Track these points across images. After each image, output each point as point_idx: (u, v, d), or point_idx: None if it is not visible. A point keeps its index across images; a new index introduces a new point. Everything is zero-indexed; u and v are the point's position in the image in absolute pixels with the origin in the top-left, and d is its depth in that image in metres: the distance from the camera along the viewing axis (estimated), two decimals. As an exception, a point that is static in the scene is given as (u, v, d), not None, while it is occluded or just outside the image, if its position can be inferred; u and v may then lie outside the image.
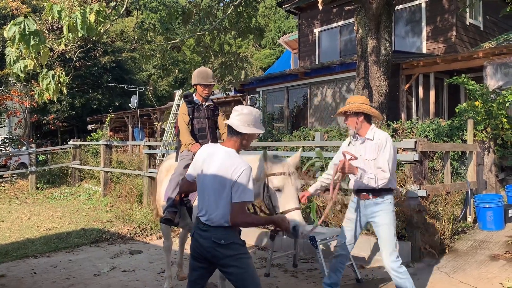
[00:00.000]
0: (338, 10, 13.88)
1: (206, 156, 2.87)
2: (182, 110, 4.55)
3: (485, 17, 12.80)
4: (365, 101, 3.76)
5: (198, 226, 2.84)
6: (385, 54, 8.19)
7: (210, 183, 2.78)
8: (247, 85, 13.59)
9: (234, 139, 2.84)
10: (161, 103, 27.01)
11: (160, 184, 4.71)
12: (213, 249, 2.75)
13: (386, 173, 3.51)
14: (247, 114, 2.82)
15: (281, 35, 30.44)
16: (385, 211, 3.62)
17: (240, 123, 2.80)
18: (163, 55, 10.19)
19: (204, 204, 2.82)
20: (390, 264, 3.56)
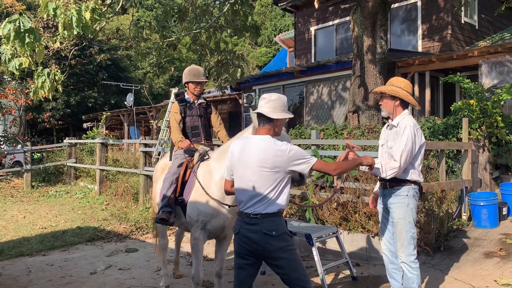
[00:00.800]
0: (334, 8, 13.89)
1: (242, 148, 2.87)
2: (174, 109, 4.54)
3: (480, 16, 12.85)
4: (406, 85, 3.58)
5: (244, 221, 2.80)
6: (381, 53, 8.22)
7: (256, 173, 2.77)
8: (243, 83, 13.59)
9: (267, 127, 2.86)
10: (157, 101, 26.93)
11: (155, 183, 4.71)
12: (264, 242, 2.73)
13: (395, 163, 3.37)
14: (276, 100, 2.86)
15: (277, 33, 30.41)
16: (399, 204, 3.49)
17: (271, 110, 2.84)
18: (159, 53, 10.18)
19: (250, 196, 2.79)
20: (404, 258, 3.49)
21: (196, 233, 3.90)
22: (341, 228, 5.62)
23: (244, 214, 2.81)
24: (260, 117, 2.87)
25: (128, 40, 10.69)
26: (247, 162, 2.81)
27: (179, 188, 4.12)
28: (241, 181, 2.85)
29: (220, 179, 3.76)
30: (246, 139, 2.92)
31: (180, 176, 4.18)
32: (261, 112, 2.85)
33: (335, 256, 5.30)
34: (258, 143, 2.82)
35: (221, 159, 3.84)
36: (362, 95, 8.31)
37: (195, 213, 3.89)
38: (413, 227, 3.49)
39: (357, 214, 5.49)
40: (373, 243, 5.35)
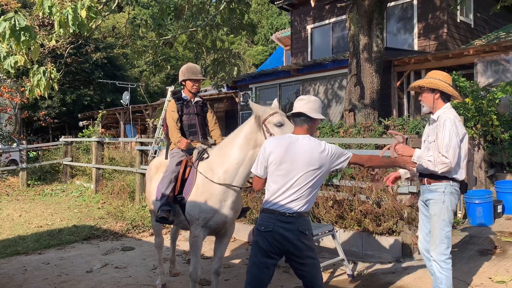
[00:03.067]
0: (330, 7, 13.91)
1: (287, 146, 2.85)
2: (171, 107, 4.49)
3: (476, 15, 12.90)
4: (445, 77, 3.46)
5: (278, 219, 2.78)
6: (377, 51, 8.23)
7: (302, 172, 2.79)
8: (239, 81, 13.58)
9: (305, 126, 2.92)
10: (153, 99, 26.90)
11: (149, 181, 4.66)
12: (298, 241, 2.76)
13: (446, 159, 3.23)
14: (315, 101, 2.95)
15: (273, 31, 30.42)
16: (435, 201, 3.39)
17: (312, 110, 2.90)
18: (155, 51, 10.15)
19: (290, 194, 2.80)
20: (435, 256, 3.40)
21: (196, 231, 3.88)
22: (337, 226, 5.64)
23: (278, 212, 2.80)
24: (298, 117, 2.91)
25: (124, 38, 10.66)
26: (294, 161, 2.80)
27: (179, 186, 4.09)
28: (283, 178, 2.82)
29: (224, 172, 3.78)
30: (287, 138, 2.91)
31: (180, 174, 4.15)
32: (301, 112, 2.89)
33: (331, 254, 5.32)
34: (303, 143, 2.85)
35: (223, 155, 3.84)
36: (358, 93, 8.33)
37: (196, 211, 3.86)
38: (447, 226, 3.39)
39: (353, 212, 5.51)
40: (369, 241, 5.37)
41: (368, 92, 8.24)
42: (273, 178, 2.86)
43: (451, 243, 3.48)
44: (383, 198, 5.30)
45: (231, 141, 3.84)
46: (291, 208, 2.78)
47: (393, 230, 5.26)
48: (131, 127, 19.04)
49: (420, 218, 3.69)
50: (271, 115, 3.48)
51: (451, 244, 3.44)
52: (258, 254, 2.84)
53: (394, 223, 5.22)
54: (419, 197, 3.68)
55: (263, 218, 2.86)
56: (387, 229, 5.27)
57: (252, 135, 3.64)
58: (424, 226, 3.64)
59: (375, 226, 5.31)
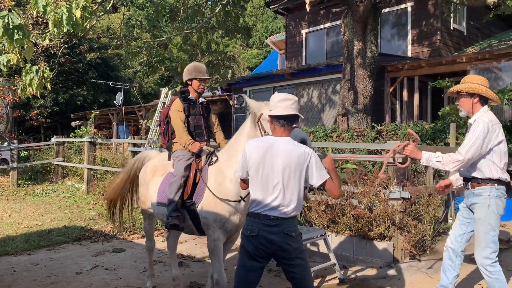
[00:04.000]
0: (325, 12, 13.98)
1: (265, 150, 2.80)
2: (177, 107, 4.25)
3: (469, 23, 13.03)
4: (483, 81, 3.42)
5: (262, 223, 2.75)
6: (371, 57, 8.28)
7: (281, 174, 2.75)
8: (234, 84, 13.59)
9: (288, 128, 2.85)
10: (147, 100, 26.81)
11: (145, 185, 4.49)
12: (285, 243, 2.73)
13: (459, 156, 3.23)
14: (297, 101, 2.89)
15: (268, 35, 30.49)
16: (480, 205, 3.35)
17: (298, 111, 2.87)
18: (149, 53, 10.15)
19: (272, 198, 2.76)
20: (480, 260, 3.35)
21: (216, 234, 3.76)
22: (329, 230, 5.64)
23: (263, 216, 2.76)
24: (281, 119, 2.83)
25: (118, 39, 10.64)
26: (272, 164, 2.76)
27: (189, 191, 3.94)
28: (263, 182, 2.79)
29: (235, 173, 3.66)
30: (267, 140, 2.87)
31: (191, 178, 3.98)
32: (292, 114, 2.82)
33: (323, 258, 5.32)
34: (282, 145, 2.79)
35: (230, 156, 3.77)
36: (351, 98, 8.37)
37: (211, 214, 3.75)
38: (493, 230, 3.33)
39: (345, 216, 5.52)
40: (361, 246, 5.38)
41: (361, 97, 8.28)
42: (254, 181, 2.84)
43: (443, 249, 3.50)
44: (375, 203, 5.32)
45: (236, 141, 3.77)
46: (275, 212, 2.75)
47: (385, 235, 5.28)
48: (124, 128, 18.95)
49: (458, 219, 3.65)
50: (263, 113, 3.37)
51: (498, 249, 3.39)
52: (244, 257, 2.83)
53: (386, 228, 5.23)
54: (463, 200, 3.62)
55: (248, 222, 2.84)
56: (378, 234, 5.28)
57: (252, 133, 3.55)
58: (459, 227, 3.61)
59: (366, 231, 5.32)
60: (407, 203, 5.21)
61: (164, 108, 4.54)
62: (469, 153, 3.25)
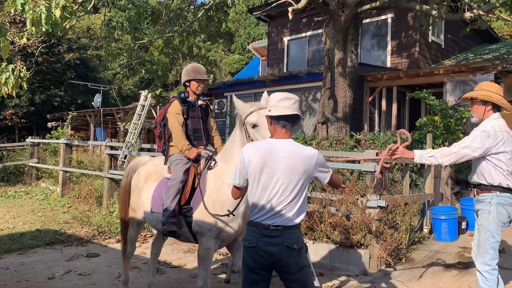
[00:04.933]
0: (307, 20, 14.10)
1: (266, 153, 2.59)
2: (175, 109, 4.04)
3: (447, 36, 13.36)
4: (498, 90, 3.40)
5: (261, 233, 2.55)
6: (351, 66, 8.38)
7: (284, 179, 2.54)
8: (215, 89, 13.56)
9: (290, 129, 2.65)
10: (126, 103, 26.49)
11: (137, 192, 4.28)
12: (286, 256, 2.53)
13: (453, 148, 3.27)
14: (298, 100, 2.69)
15: (250, 41, 30.59)
16: (482, 211, 3.35)
17: (299, 111, 2.69)
18: (130, 55, 10.02)
19: (272, 205, 2.56)
20: (478, 266, 3.34)
21: (209, 243, 3.63)
22: (307, 237, 5.66)
23: (262, 225, 2.56)
24: (282, 119, 2.62)
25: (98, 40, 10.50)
26: (275, 169, 2.55)
27: (187, 196, 3.78)
28: (263, 188, 2.58)
29: None
30: (267, 144, 2.65)
31: (189, 183, 3.82)
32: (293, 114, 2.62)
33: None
34: (285, 147, 2.59)
35: (226, 160, 3.65)
36: (331, 107, 8.44)
37: (207, 222, 3.60)
38: (492, 237, 3.30)
39: (323, 224, 5.55)
40: (337, 254, 5.41)
41: (341, 106, 8.37)
42: (254, 188, 2.63)
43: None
44: (353, 211, 5.36)
45: (231, 145, 3.65)
46: (275, 221, 2.55)
47: (361, 243, 5.32)
48: (102, 130, 18.66)
49: (476, 228, 3.59)
50: (248, 115, 3.24)
51: (497, 256, 3.36)
52: (245, 269, 2.66)
53: (363, 236, 5.28)
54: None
55: (248, 232, 2.66)
56: (355, 242, 5.32)
57: (242, 135, 3.40)
58: (475, 236, 3.56)
59: (343, 239, 5.36)
60: (384, 212, 5.27)
61: (161, 110, 4.34)
62: (465, 149, 3.27)
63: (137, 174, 4.39)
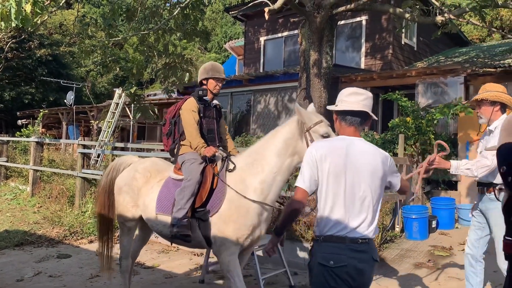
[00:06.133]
0: (283, 21, 14.17)
1: (346, 151, 2.25)
2: (191, 106, 3.81)
3: (419, 39, 13.66)
4: (504, 89, 3.44)
5: (350, 248, 2.15)
6: (326, 67, 8.47)
7: (369, 182, 2.22)
8: (191, 87, 13.45)
9: (359, 128, 2.37)
10: (99, 100, 26.01)
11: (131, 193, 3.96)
12: (371, 272, 2.22)
13: (487, 161, 3.23)
14: (371, 97, 2.41)
15: (227, 40, 30.52)
16: (497, 210, 3.22)
17: (370, 109, 2.37)
18: (104, 52, 9.85)
19: (358, 213, 2.20)
20: (500, 265, 3.34)
21: (232, 248, 3.37)
22: (281, 237, 5.68)
23: (349, 239, 2.16)
24: (353, 115, 2.34)
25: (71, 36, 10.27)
26: (357, 171, 2.21)
27: (204, 197, 3.50)
28: (348, 194, 2.21)
29: (261, 183, 3.34)
30: (341, 141, 2.32)
31: (208, 184, 3.54)
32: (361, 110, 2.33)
33: (275, 265, 5.36)
34: (363, 147, 2.29)
35: (254, 163, 3.42)
36: (307, 107, 8.51)
37: (231, 228, 3.35)
38: None
39: (297, 224, 5.60)
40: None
41: (316, 107, 8.38)
42: (332, 193, 2.23)
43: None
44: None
45: (265, 146, 3.40)
46: (362, 232, 2.17)
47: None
48: (74, 129, 18.28)
49: (472, 225, 3.67)
50: (317, 123, 3.14)
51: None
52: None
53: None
54: (476, 206, 3.64)
55: (329, 250, 2.19)
56: None
57: (292, 141, 3.24)
58: (475, 232, 3.63)
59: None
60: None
61: (171, 107, 4.06)
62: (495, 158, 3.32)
63: (132, 172, 4.05)
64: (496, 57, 11.02)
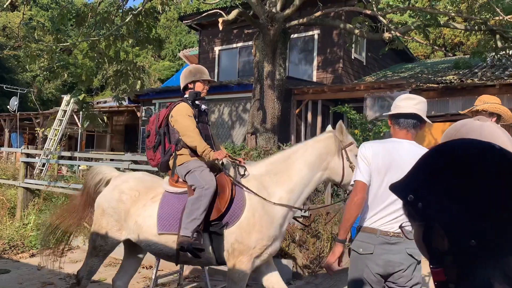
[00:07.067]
0: (238, 31, 14.29)
1: (392, 151, 2.40)
2: (187, 111, 3.53)
3: (368, 54, 14.21)
4: (499, 101, 3.51)
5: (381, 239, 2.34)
6: (279, 79, 8.62)
7: None
8: (142, 95, 13.23)
9: (413, 131, 2.46)
10: (46, 107, 24.96)
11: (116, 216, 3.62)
12: (406, 267, 2.33)
13: None
14: (425, 102, 2.50)
15: (182, 48, 30.32)
16: None
17: (424, 113, 2.45)
18: (51, 57, 9.49)
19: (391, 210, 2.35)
20: None
21: (249, 263, 3.19)
22: (233, 248, 5.67)
23: (380, 231, 2.36)
24: (406, 118, 2.45)
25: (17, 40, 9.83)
26: (401, 168, 2.26)
27: (223, 209, 3.25)
28: (384, 190, 2.35)
29: (288, 192, 3.26)
30: (390, 141, 2.48)
31: (227, 194, 3.27)
32: (413, 113, 2.43)
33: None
34: (412, 149, 2.39)
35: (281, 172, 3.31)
36: (260, 118, 8.60)
37: (253, 238, 3.16)
38: None
39: (249, 234, 5.60)
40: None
41: (269, 117, 8.55)
42: (373, 188, 2.42)
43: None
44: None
45: (293, 158, 3.33)
46: (395, 227, 2.33)
47: (286, 252, 5.44)
48: (18, 136, 17.40)
49: None
50: (352, 143, 3.25)
51: None
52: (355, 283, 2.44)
53: (287, 246, 5.40)
54: None
55: (362, 238, 2.44)
56: (280, 252, 5.43)
57: (327, 156, 3.24)
58: None
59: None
60: (307, 221, 5.44)
61: (154, 115, 3.77)
62: None
63: (118, 194, 3.67)
64: (439, 73, 11.67)
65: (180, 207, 3.36)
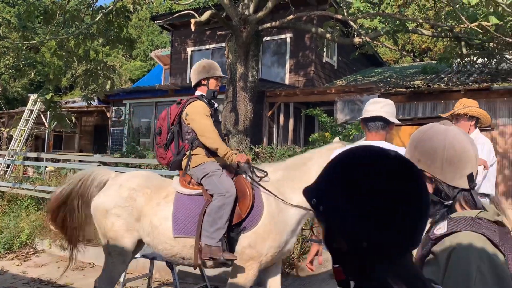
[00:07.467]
0: (211, 33, 14.25)
1: None
2: (204, 110, 3.40)
3: (339, 58, 14.44)
4: (478, 105, 3.61)
5: None
6: (252, 81, 8.64)
7: None
8: (112, 96, 13.01)
9: (382, 132, 2.61)
10: (12, 106, 24.18)
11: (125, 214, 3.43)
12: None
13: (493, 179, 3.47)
14: (392, 105, 2.64)
15: (153, 48, 29.97)
16: None
17: (390, 114, 2.58)
18: (17, 55, 9.22)
19: None
20: None
21: (256, 270, 3.13)
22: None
23: None
24: (374, 121, 2.60)
25: (-20, 36, 9.50)
26: None
27: (245, 214, 3.16)
28: None
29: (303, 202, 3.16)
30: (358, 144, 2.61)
31: (248, 199, 3.18)
32: (379, 116, 2.57)
33: (196, 279, 5.29)
34: None
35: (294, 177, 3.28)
36: (233, 119, 8.60)
37: (266, 245, 3.12)
38: None
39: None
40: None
41: (242, 119, 8.57)
42: None
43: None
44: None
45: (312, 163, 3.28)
46: None
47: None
48: (-19, 136, 16.78)
49: None
50: None
51: None
52: None
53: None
54: None
55: None
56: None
57: None
58: None
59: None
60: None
61: (165, 111, 3.60)
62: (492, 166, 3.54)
63: (127, 191, 3.47)
64: (407, 78, 11.97)
65: (196, 210, 3.27)
